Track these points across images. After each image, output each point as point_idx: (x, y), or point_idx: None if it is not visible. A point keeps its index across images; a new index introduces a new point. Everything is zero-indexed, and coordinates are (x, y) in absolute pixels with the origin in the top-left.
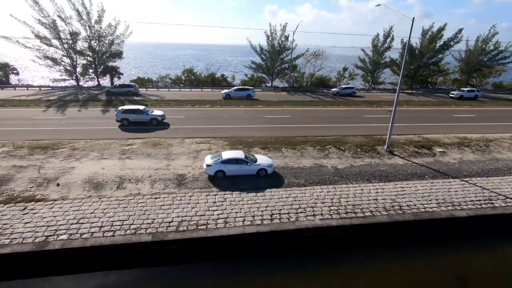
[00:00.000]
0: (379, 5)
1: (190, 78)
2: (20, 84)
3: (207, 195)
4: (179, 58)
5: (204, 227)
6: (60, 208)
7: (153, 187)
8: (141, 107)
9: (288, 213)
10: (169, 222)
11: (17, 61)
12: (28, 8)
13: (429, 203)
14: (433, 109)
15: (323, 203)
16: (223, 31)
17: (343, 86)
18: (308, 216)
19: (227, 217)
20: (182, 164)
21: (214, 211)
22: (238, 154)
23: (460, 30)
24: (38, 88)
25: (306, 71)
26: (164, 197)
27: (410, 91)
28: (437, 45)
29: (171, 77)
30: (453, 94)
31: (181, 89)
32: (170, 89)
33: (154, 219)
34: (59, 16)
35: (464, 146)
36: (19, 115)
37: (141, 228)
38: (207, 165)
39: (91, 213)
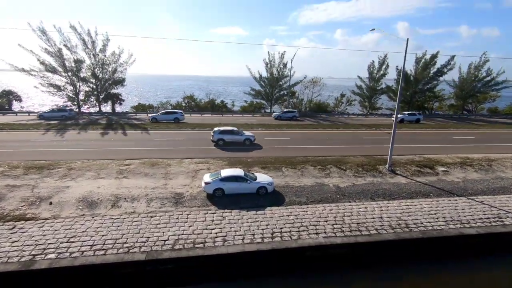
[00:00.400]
0: (374, 29)
1: (191, 104)
2: (22, 110)
3: (205, 214)
4: (179, 88)
5: (201, 245)
6: (51, 227)
7: (149, 205)
8: (235, 128)
9: (289, 231)
10: (165, 241)
11: (22, 91)
12: (36, 38)
13: (436, 221)
14: (432, 131)
15: (326, 221)
16: (223, 64)
17: (285, 110)
18: (311, 234)
19: (225, 236)
20: (180, 183)
21: (212, 229)
22: (238, 171)
23: (452, 57)
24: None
25: (304, 98)
26: (160, 216)
27: None
28: (431, 72)
29: (172, 103)
30: (398, 116)
31: None
32: None
33: (148, 237)
34: (65, 45)
35: (467, 165)
36: (18, 137)
37: (135, 247)
38: (206, 183)
39: (82, 231)
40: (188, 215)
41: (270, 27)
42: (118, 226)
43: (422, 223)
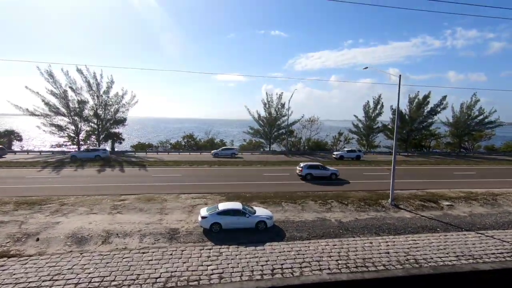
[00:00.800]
0: (367, 67)
1: (190, 143)
2: (21, 149)
3: (200, 249)
4: (180, 130)
5: (195, 283)
6: (35, 264)
7: (142, 241)
8: (321, 164)
9: (291, 268)
10: (156, 278)
11: (24, 132)
12: (43, 80)
13: (447, 256)
14: (433, 167)
15: (330, 256)
16: (223, 107)
17: (223, 147)
18: (314, 270)
19: (222, 272)
20: (176, 218)
21: (208, 266)
22: (236, 205)
23: (444, 97)
24: (38, 153)
25: (302, 136)
26: (153, 252)
27: (406, 154)
28: (425, 111)
29: (171, 142)
30: (334, 154)
31: (180, 153)
32: (169, 153)
33: (139, 274)
34: (71, 87)
35: (471, 200)
36: (13, 174)
37: (124, 285)
38: (202, 217)
39: (68, 269)
40: (182, 251)
41: (268, 73)
42: (107, 263)
43: (432, 258)
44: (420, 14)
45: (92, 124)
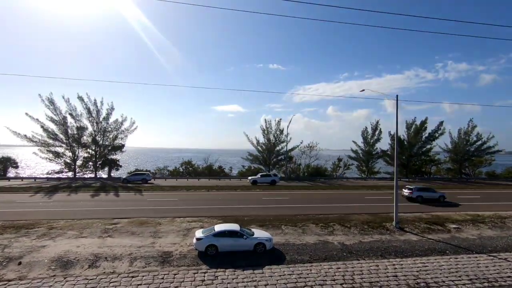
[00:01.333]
0: (363, 90)
1: (188, 169)
2: (16, 176)
3: (194, 273)
4: (179, 159)
5: None
6: None
7: (132, 265)
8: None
9: None
10: None
11: (21, 161)
12: (44, 107)
13: (459, 279)
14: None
15: (334, 280)
16: (222, 138)
17: (134, 172)
18: None
19: None
20: (170, 241)
21: None
22: (233, 226)
23: (441, 123)
24: (33, 179)
25: (302, 162)
26: (143, 276)
27: (407, 179)
28: (423, 136)
29: (169, 169)
30: (248, 179)
31: (177, 179)
32: (166, 179)
33: None
34: (70, 114)
35: (479, 222)
36: (3, 199)
37: None
38: (197, 239)
39: None
40: (175, 275)
41: (267, 105)
42: (92, 287)
43: (444, 281)
44: (411, 48)
45: (90, 151)
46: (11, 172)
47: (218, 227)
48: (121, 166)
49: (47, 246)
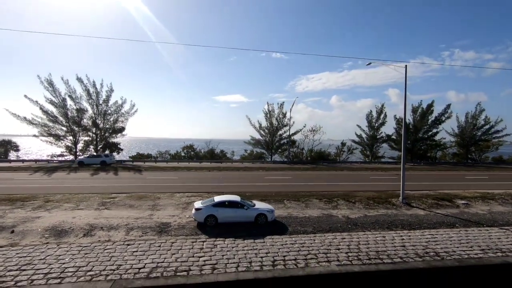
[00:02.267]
0: (370, 63)
1: (190, 154)
2: (17, 159)
3: (193, 242)
4: (180, 147)
5: (184, 273)
6: (3, 254)
7: (128, 234)
8: None
9: (295, 259)
10: (140, 269)
11: (24, 148)
12: (42, 89)
13: (471, 250)
14: (442, 172)
15: (338, 249)
16: (225, 128)
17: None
18: (321, 262)
19: (215, 263)
20: (168, 214)
21: (200, 257)
22: (233, 197)
23: (449, 106)
24: (34, 162)
25: (305, 147)
26: (139, 243)
27: (412, 164)
28: (429, 120)
29: (170, 153)
30: (76, 160)
31: (179, 162)
32: (168, 162)
33: (120, 265)
34: (70, 96)
35: (488, 199)
36: (2, 177)
37: (100, 275)
38: (196, 209)
39: (40, 259)
40: (172, 243)
41: (269, 95)
42: (86, 254)
43: (454, 251)
44: (416, 36)
45: (91, 134)
46: (12, 155)
47: (218, 198)
48: (122, 150)
49: (41, 217)
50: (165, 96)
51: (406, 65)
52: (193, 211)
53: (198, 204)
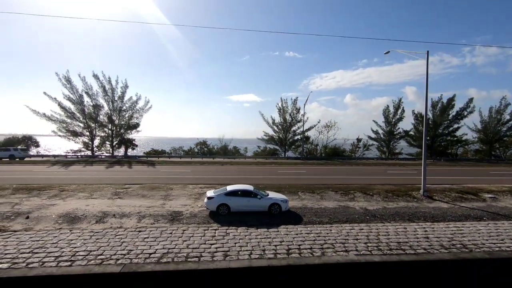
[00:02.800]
0: (388, 52)
1: (203, 150)
2: (37, 154)
3: (205, 230)
4: (194, 144)
5: (195, 259)
6: (17, 238)
7: (140, 221)
8: None
9: (310, 248)
10: (150, 254)
11: (45, 146)
12: (61, 86)
13: (502, 242)
14: (465, 168)
15: (357, 239)
16: (238, 127)
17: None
18: (339, 251)
19: (228, 250)
20: (181, 203)
21: (211, 244)
22: (246, 186)
23: (471, 100)
24: (52, 157)
25: (319, 143)
26: (151, 230)
27: (432, 161)
28: (450, 115)
29: (184, 149)
30: None
31: (192, 158)
32: (181, 158)
33: (131, 250)
34: (86, 93)
35: None
36: (21, 169)
37: (111, 259)
38: (208, 198)
39: (53, 243)
40: (184, 230)
41: (283, 94)
42: (97, 239)
43: (484, 244)
44: (435, 32)
45: (106, 130)
46: (32, 151)
47: (231, 187)
48: (136, 146)
49: (56, 205)
50: (178, 96)
51: (427, 51)
52: (205, 200)
53: (210, 193)
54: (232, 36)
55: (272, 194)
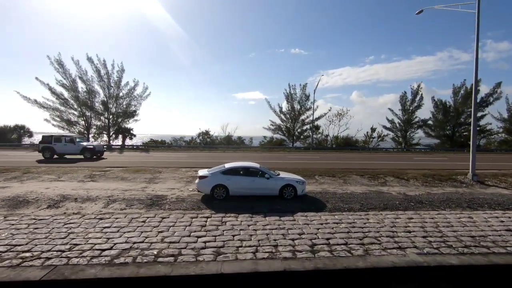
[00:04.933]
0: (422, 11)
1: (206, 140)
2: (31, 143)
3: (192, 217)
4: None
5: (170, 258)
6: None
7: (106, 207)
8: None
9: (345, 244)
10: (103, 250)
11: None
12: (53, 70)
13: None
14: (501, 156)
15: (409, 232)
16: (244, 125)
17: None
18: (389, 249)
19: (221, 246)
20: (167, 187)
21: (198, 237)
22: (251, 164)
23: (499, 84)
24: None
25: (330, 133)
26: (116, 218)
27: (453, 152)
28: None
29: (185, 139)
30: None
31: (193, 150)
32: (181, 148)
33: (76, 245)
34: (80, 78)
35: None
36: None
37: (39, 258)
38: (201, 177)
39: None
40: (163, 218)
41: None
42: (36, 228)
43: None
44: (444, 28)
45: (102, 118)
46: (26, 141)
47: (230, 164)
48: (135, 135)
49: (9, 187)
50: (184, 94)
51: (479, 1)
52: (197, 180)
53: (203, 171)
54: (238, 33)
55: (284, 174)
